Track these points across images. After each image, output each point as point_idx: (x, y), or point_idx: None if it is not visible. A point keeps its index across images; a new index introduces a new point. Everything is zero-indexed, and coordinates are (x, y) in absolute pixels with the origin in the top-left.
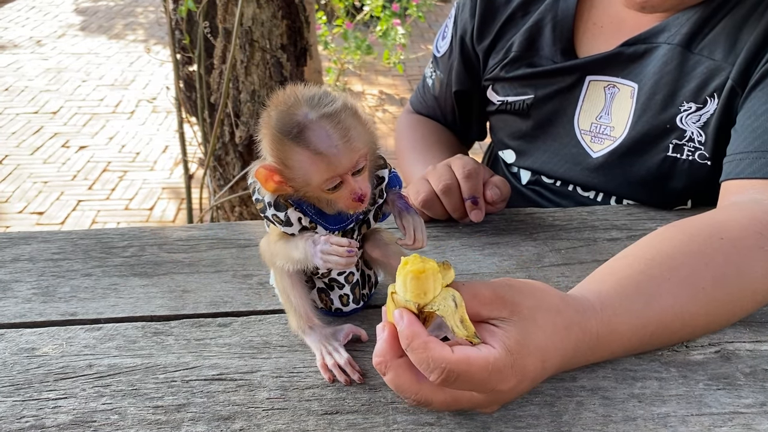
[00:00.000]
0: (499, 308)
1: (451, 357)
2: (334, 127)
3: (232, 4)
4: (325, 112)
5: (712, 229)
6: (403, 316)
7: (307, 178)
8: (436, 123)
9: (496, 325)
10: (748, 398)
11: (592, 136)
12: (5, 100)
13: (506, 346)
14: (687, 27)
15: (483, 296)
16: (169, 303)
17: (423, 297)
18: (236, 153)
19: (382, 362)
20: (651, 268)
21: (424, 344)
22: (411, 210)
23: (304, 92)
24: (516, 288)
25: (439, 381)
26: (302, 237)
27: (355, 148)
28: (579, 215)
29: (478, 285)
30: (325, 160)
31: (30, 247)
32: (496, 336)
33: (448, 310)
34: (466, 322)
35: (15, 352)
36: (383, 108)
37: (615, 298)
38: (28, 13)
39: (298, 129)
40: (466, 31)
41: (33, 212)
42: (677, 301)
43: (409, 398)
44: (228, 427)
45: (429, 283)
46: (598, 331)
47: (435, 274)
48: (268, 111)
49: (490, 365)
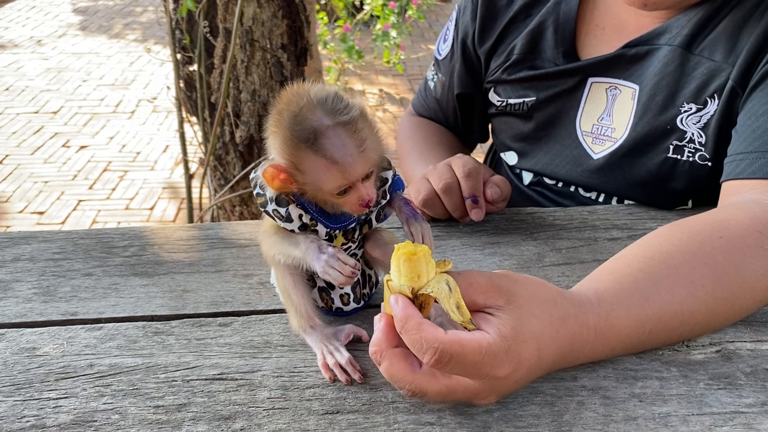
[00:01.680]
0: (495, 296)
1: (443, 337)
2: (350, 136)
3: (233, 4)
4: (341, 120)
5: (712, 228)
6: (398, 301)
7: (319, 183)
8: (438, 125)
9: (491, 313)
10: (749, 398)
11: (593, 138)
12: (6, 99)
13: (501, 332)
14: (688, 28)
15: (479, 284)
16: (169, 303)
17: (417, 281)
18: (236, 152)
19: (378, 351)
20: (650, 267)
21: (417, 325)
22: (419, 217)
23: (315, 93)
24: (512, 278)
25: (432, 362)
26: (306, 238)
27: (369, 157)
28: (580, 215)
29: (474, 273)
30: (341, 169)
31: (30, 247)
32: (491, 323)
33: (443, 293)
34: (462, 308)
35: (16, 352)
36: (383, 108)
37: (612, 294)
38: (28, 13)
39: (314, 136)
40: (467, 33)
41: (33, 212)
42: (676, 299)
43: (403, 388)
44: (229, 426)
45: (421, 265)
46: (596, 325)
47: (427, 256)
48: (278, 111)
49: (484, 348)
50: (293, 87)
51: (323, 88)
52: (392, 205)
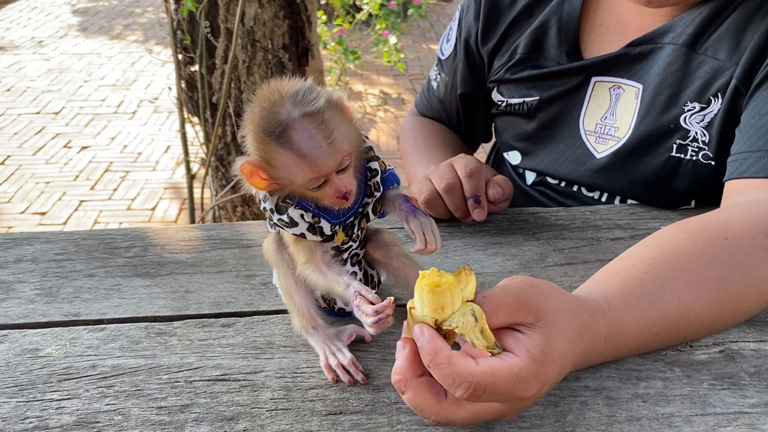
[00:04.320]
0: (524, 314)
1: (476, 370)
2: (317, 127)
3: (234, 4)
4: (307, 111)
5: (717, 229)
6: (423, 331)
7: (291, 177)
8: (441, 125)
9: (520, 330)
10: (752, 398)
11: (596, 137)
12: (7, 100)
13: (531, 354)
14: (692, 27)
15: (507, 306)
16: (172, 303)
17: (440, 312)
18: (238, 153)
19: (402, 380)
20: (655, 268)
21: (448, 359)
22: (417, 212)
23: (288, 88)
24: (537, 289)
25: (465, 396)
26: (349, 284)
27: (339, 148)
28: (582, 214)
29: (499, 295)
30: (309, 162)
31: (33, 248)
32: (520, 342)
33: (468, 326)
34: (486, 332)
35: (18, 353)
36: (384, 108)
37: (620, 298)
38: (29, 14)
39: (281, 128)
40: (470, 33)
41: (35, 213)
42: (682, 301)
43: (429, 418)
44: (231, 427)
45: (446, 297)
46: (606, 332)
47: (452, 288)
48: (251, 107)
49: (515, 375)
50: (271, 84)
51: (300, 82)
52: (389, 203)
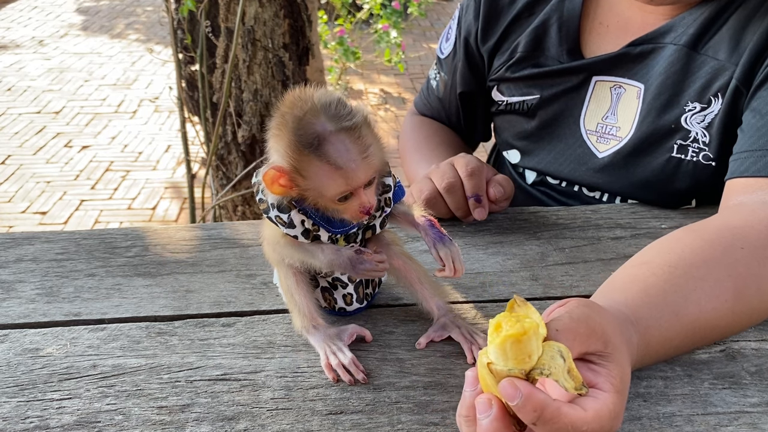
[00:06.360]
0: (594, 342)
1: (586, 416)
2: (354, 142)
3: (234, 4)
4: (345, 126)
5: (733, 237)
6: (518, 387)
7: (321, 189)
8: (441, 124)
9: (594, 362)
10: (753, 397)
11: (598, 137)
12: (8, 100)
13: (615, 387)
14: (694, 28)
15: (581, 336)
16: (172, 303)
17: (527, 361)
18: (239, 152)
19: None
20: (675, 277)
21: (557, 412)
22: (445, 239)
23: (319, 98)
24: (598, 312)
25: None
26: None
27: (372, 163)
28: (583, 214)
29: (571, 326)
30: (344, 175)
31: (33, 248)
32: (601, 376)
33: (559, 368)
34: (573, 371)
35: (19, 353)
36: (385, 107)
37: (645, 309)
38: (30, 13)
39: (318, 141)
40: (470, 32)
41: (36, 212)
42: (702, 314)
43: None
44: (232, 427)
45: (532, 344)
46: (638, 344)
47: (536, 332)
48: (282, 114)
49: (611, 412)
50: (296, 91)
51: (327, 92)
52: (399, 218)
